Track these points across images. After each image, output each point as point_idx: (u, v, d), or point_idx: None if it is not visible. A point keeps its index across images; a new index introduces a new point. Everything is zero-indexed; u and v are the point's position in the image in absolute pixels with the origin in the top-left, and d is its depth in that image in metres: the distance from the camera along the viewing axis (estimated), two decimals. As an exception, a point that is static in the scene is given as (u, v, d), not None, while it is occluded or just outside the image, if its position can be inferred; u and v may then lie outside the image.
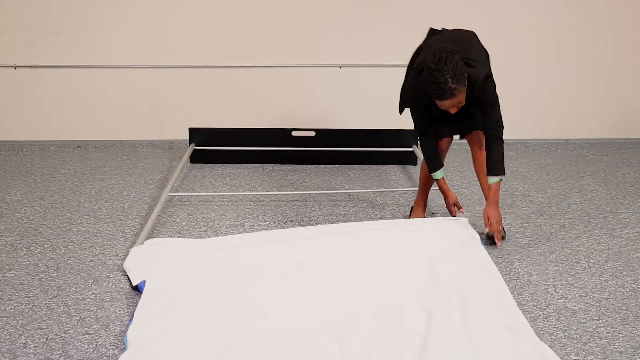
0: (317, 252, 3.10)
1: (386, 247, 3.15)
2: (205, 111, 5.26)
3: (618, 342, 2.50)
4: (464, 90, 3.01)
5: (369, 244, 3.17)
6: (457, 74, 2.93)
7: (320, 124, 5.10)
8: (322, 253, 3.09)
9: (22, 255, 3.25)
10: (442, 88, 2.94)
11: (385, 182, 4.42)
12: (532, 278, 3.02)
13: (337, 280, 2.86)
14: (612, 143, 5.36)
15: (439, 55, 2.95)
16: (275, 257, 3.06)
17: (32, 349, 2.44)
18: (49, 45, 5.14)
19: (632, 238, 3.49)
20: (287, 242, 3.21)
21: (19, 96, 5.25)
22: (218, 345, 2.37)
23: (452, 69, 2.92)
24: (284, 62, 5.21)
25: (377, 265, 2.98)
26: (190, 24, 5.13)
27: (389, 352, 2.34)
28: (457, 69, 2.93)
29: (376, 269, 2.95)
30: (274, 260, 3.02)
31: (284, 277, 2.88)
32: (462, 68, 2.96)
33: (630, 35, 5.26)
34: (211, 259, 3.05)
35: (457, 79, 2.93)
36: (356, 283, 2.83)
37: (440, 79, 2.93)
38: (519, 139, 5.34)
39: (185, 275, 2.92)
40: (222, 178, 4.53)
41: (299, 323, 2.53)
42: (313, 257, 3.04)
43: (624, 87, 5.37)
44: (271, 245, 3.17)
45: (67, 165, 4.79)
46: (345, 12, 5.13)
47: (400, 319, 2.54)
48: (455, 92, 2.96)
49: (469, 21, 5.09)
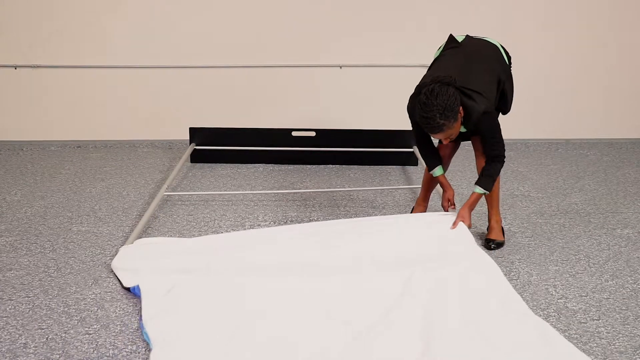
0: (310, 254, 3.06)
1: (377, 248, 3.10)
2: (205, 111, 5.26)
3: (618, 342, 2.50)
4: (455, 124, 2.97)
5: (358, 249, 3.11)
6: (446, 110, 2.89)
7: (321, 124, 5.10)
8: (316, 257, 3.05)
9: (22, 255, 3.25)
10: (429, 123, 2.93)
11: (385, 183, 4.42)
12: (532, 278, 3.02)
13: (334, 280, 2.86)
14: (612, 143, 5.36)
15: (432, 87, 2.93)
16: (266, 257, 3.04)
17: (32, 349, 2.44)
18: (49, 45, 5.15)
19: (632, 238, 3.49)
20: (278, 243, 3.16)
21: (19, 96, 5.25)
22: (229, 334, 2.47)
23: (442, 104, 2.89)
24: (284, 62, 5.21)
25: (369, 267, 2.97)
26: (190, 24, 5.13)
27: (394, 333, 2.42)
28: (448, 105, 2.89)
29: (369, 270, 2.95)
30: (265, 261, 3.01)
31: (275, 278, 2.90)
32: (454, 103, 2.91)
33: (630, 36, 5.27)
34: (204, 261, 3.05)
35: (445, 115, 2.90)
36: (354, 283, 2.84)
37: (429, 114, 2.91)
38: (519, 139, 5.34)
39: (182, 272, 2.95)
40: (222, 178, 4.53)
41: (299, 321, 2.55)
42: (307, 260, 3.02)
43: (624, 87, 5.37)
44: (262, 246, 3.14)
45: (68, 165, 4.79)
46: (346, 12, 5.13)
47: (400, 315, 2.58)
48: (444, 128, 2.95)
49: (468, 21, 5.12)
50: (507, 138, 3.35)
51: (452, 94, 2.91)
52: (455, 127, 2.98)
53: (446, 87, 2.92)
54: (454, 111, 2.92)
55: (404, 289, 2.75)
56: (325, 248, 3.06)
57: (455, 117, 2.94)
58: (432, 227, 3.20)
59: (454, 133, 3.02)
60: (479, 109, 3.00)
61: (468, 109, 3.00)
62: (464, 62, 3.16)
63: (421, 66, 5.14)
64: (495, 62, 3.23)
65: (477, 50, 3.26)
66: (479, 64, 3.17)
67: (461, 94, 2.99)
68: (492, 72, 3.17)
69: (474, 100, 3.00)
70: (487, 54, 3.25)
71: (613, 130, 5.43)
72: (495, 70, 3.19)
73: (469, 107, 3.00)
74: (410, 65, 5.14)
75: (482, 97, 3.03)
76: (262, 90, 5.26)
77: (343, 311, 2.62)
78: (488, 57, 3.24)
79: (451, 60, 3.20)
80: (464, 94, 3.00)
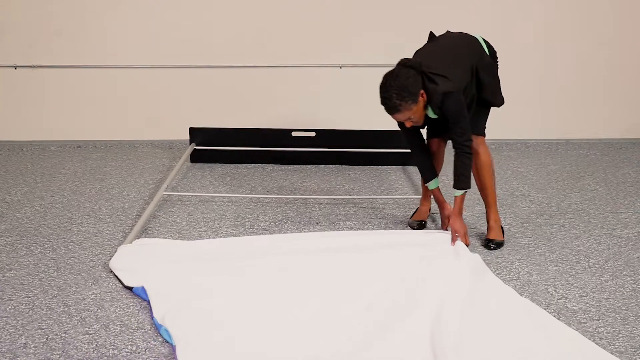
0: (312, 267, 3.06)
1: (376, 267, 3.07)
2: (205, 111, 5.26)
3: (618, 342, 2.50)
4: (414, 106, 3.00)
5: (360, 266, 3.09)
6: (402, 90, 2.95)
7: (321, 124, 5.10)
8: (316, 270, 3.04)
9: (22, 255, 3.25)
10: (386, 103, 3.00)
11: (385, 183, 4.42)
12: (532, 278, 3.02)
13: (339, 290, 2.85)
14: (612, 143, 5.36)
15: (393, 69, 3.01)
16: (261, 269, 3.04)
17: (32, 349, 2.44)
18: (49, 45, 5.15)
19: (632, 238, 3.49)
20: (276, 255, 3.15)
21: (19, 96, 5.25)
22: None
23: (399, 85, 2.95)
24: (284, 62, 5.21)
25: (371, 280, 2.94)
26: (190, 24, 5.13)
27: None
28: (404, 86, 2.95)
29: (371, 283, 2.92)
30: (262, 273, 3.02)
31: (269, 282, 2.93)
32: (411, 85, 2.96)
33: (630, 36, 5.26)
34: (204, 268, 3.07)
35: (402, 96, 2.96)
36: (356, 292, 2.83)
37: (386, 94, 2.99)
38: (519, 139, 5.34)
39: (187, 271, 3.00)
40: (222, 178, 4.53)
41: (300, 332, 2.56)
42: (308, 274, 3.01)
43: (624, 87, 5.37)
44: (259, 259, 3.13)
45: (67, 165, 4.79)
46: (346, 12, 5.13)
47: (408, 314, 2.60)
48: (400, 108, 2.99)
49: (468, 21, 5.11)
50: (507, 138, 3.36)
51: (411, 75, 2.98)
52: (414, 109, 3.02)
53: (407, 69, 3.00)
54: (411, 92, 2.97)
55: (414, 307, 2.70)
56: (327, 272, 3.02)
57: (414, 99, 2.99)
58: (435, 248, 3.17)
59: (416, 116, 3.07)
60: (440, 90, 3.03)
61: (429, 91, 3.04)
62: (435, 50, 3.22)
63: (421, 66, 5.15)
64: (469, 50, 3.27)
65: (451, 41, 3.31)
66: (449, 51, 3.22)
67: (426, 78, 3.03)
68: (462, 58, 3.21)
69: (435, 83, 3.04)
70: (461, 44, 3.30)
71: (613, 131, 5.43)
72: (466, 57, 3.22)
73: (430, 89, 3.04)
74: (410, 65, 5.14)
75: (446, 80, 3.05)
76: (262, 90, 5.26)
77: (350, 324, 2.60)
78: (461, 47, 3.28)
79: (424, 51, 3.26)
80: (428, 78, 3.04)
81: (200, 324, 2.55)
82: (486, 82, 3.26)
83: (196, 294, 2.80)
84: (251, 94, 5.26)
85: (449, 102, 3.07)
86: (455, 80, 3.09)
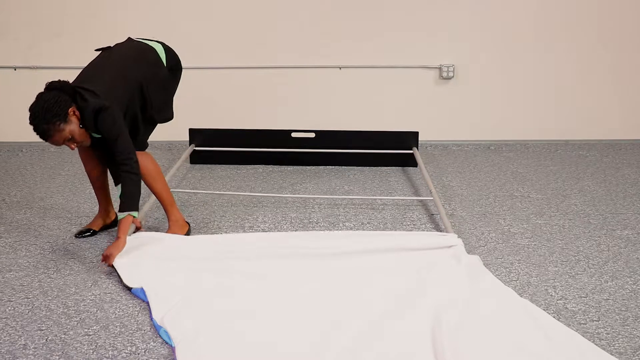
0: (309, 271, 3.05)
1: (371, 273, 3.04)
2: (205, 112, 5.26)
3: (618, 343, 2.49)
4: (65, 127, 2.95)
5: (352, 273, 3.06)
6: (47, 113, 2.91)
7: (320, 125, 5.09)
8: (313, 272, 3.03)
9: (21, 257, 3.25)
10: (37, 130, 2.96)
11: (385, 184, 4.42)
12: (532, 279, 3.02)
13: (333, 300, 2.81)
14: (612, 144, 5.35)
15: (38, 94, 2.98)
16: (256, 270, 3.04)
17: (31, 350, 2.44)
18: (48, 46, 5.14)
19: (632, 239, 3.49)
20: (275, 256, 3.14)
21: (19, 97, 5.21)
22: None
23: (44, 109, 2.91)
24: (283, 63, 5.21)
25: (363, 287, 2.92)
26: (190, 25, 5.13)
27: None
28: (49, 109, 2.91)
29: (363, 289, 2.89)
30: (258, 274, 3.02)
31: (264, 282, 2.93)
32: (57, 105, 2.91)
33: (630, 36, 5.26)
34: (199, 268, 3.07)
35: (47, 119, 2.91)
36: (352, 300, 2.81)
37: (34, 122, 2.94)
38: (519, 140, 5.34)
39: (186, 271, 3.02)
40: (221, 179, 4.52)
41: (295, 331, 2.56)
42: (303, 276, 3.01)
43: (624, 88, 5.37)
44: (254, 261, 3.13)
45: (67, 167, 4.79)
46: (345, 13, 5.13)
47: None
48: (51, 133, 2.94)
49: (468, 21, 5.12)
50: (507, 139, 3.35)
51: (53, 96, 2.94)
52: (67, 129, 2.97)
53: (49, 92, 2.97)
54: (57, 113, 2.92)
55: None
56: (324, 274, 3.01)
57: (63, 119, 2.94)
58: (434, 250, 3.16)
59: (75, 136, 3.02)
60: (90, 106, 2.99)
61: (82, 109, 3.01)
62: (99, 63, 3.22)
63: (421, 67, 5.15)
64: (138, 65, 3.24)
65: (122, 53, 3.29)
66: (113, 65, 3.20)
67: (79, 96, 3.01)
68: (127, 72, 3.19)
69: (85, 100, 3.00)
70: (131, 55, 3.29)
71: (613, 131, 5.43)
72: (134, 71, 3.20)
73: (82, 107, 3.01)
74: (410, 66, 5.14)
75: (96, 96, 3.01)
76: (262, 90, 5.26)
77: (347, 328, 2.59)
78: (130, 59, 3.27)
79: (90, 64, 3.26)
80: (80, 96, 3.01)
81: (199, 325, 2.55)
82: (154, 99, 3.26)
83: (195, 295, 2.80)
84: (251, 94, 5.26)
85: (103, 118, 3.00)
86: (111, 98, 3.04)
